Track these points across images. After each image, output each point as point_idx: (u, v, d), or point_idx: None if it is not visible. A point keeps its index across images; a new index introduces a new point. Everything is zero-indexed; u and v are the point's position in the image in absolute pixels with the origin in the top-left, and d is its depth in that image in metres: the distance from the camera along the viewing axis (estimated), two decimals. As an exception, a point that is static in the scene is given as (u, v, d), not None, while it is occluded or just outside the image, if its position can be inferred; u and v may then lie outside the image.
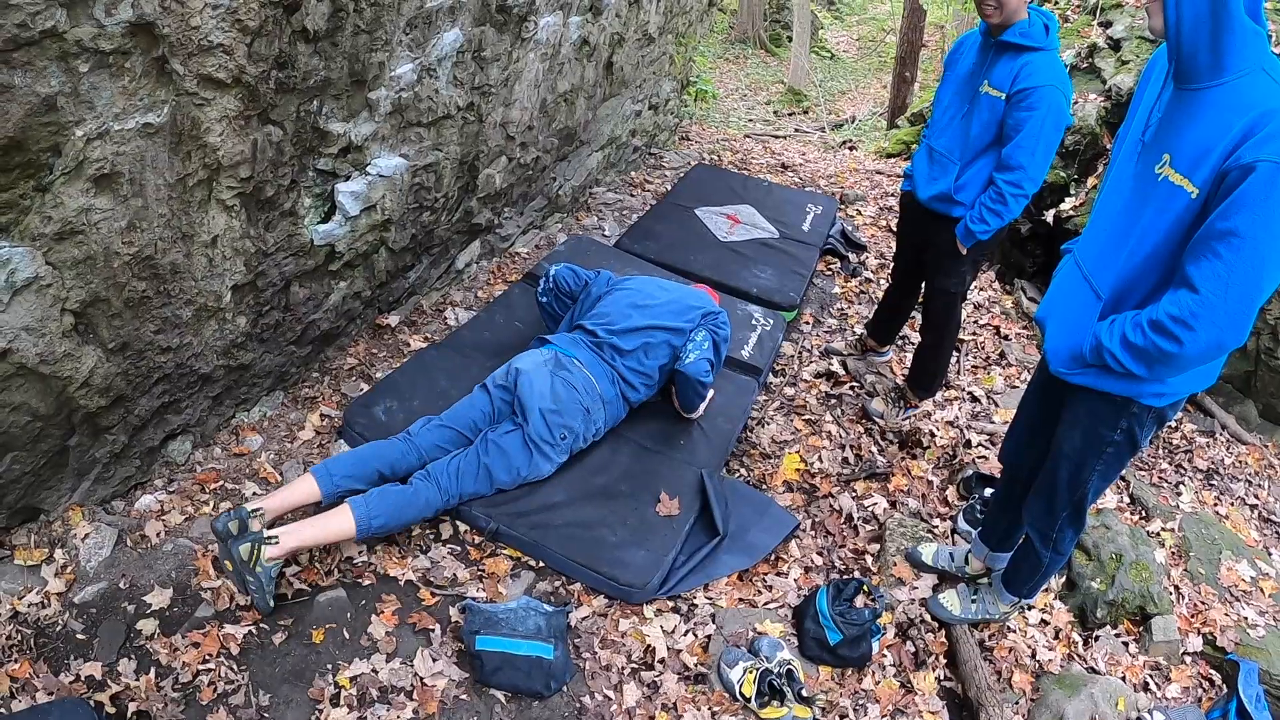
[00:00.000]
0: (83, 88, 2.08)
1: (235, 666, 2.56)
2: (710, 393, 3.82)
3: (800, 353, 4.84)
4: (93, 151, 2.19)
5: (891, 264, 4.54)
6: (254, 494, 3.15)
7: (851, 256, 5.97)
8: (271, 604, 2.69)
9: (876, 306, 4.71)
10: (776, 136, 12.28)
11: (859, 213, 6.81)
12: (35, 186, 2.12)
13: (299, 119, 2.81)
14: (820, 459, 4.01)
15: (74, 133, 2.12)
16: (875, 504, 3.79)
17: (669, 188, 6.57)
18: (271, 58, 2.52)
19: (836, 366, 4.68)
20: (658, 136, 7.33)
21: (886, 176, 7.77)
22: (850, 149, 10.51)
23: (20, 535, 2.74)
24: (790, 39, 19.10)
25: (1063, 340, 2.42)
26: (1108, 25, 6.17)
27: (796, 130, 14.47)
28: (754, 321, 4.71)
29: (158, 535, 2.90)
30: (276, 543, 2.65)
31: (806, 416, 4.31)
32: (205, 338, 2.95)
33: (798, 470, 3.93)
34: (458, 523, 3.24)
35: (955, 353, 4.85)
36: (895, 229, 4.72)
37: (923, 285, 4.15)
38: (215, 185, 2.64)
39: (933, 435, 4.21)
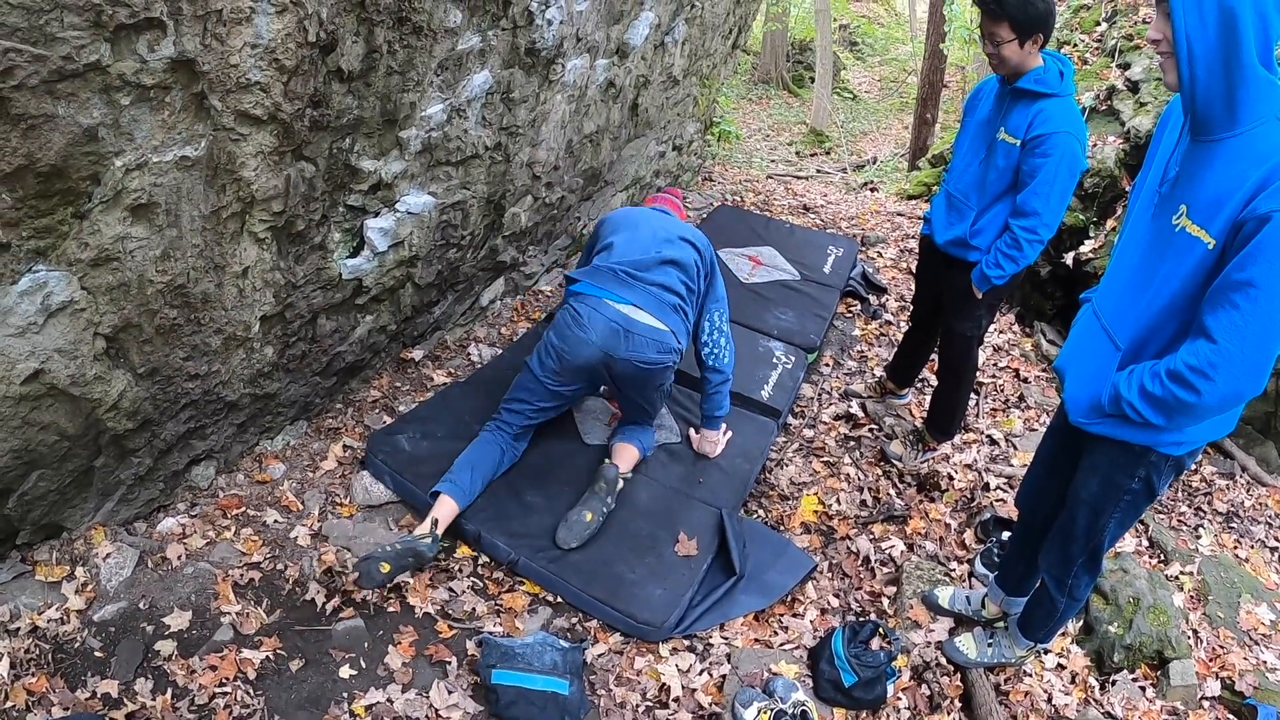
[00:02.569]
0: (123, 120, 2.14)
1: (251, 691, 2.58)
2: (728, 433, 3.83)
3: (820, 394, 4.85)
4: (131, 181, 2.25)
5: (911, 307, 4.55)
6: (274, 520, 3.19)
7: (872, 299, 5.99)
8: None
9: (896, 349, 4.72)
10: (798, 177, 12.40)
11: (880, 255, 6.84)
12: (74, 213, 2.18)
13: (331, 156, 2.88)
14: (838, 501, 4.00)
15: (113, 163, 2.18)
16: (892, 546, 3.77)
17: (691, 228, 6.60)
18: (307, 96, 2.59)
19: (855, 409, 4.67)
20: (681, 177, 7.40)
21: (907, 218, 7.80)
22: (871, 190, 10.58)
23: (42, 551, 2.78)
24: (812, 80, 19.29)
25: (1082, 390, 2.43)
26: (1126, 67, 6.19)
27: (818, 171, 14.60)
28: (775, 360, 4.72)
29: (179, 558, 2.94)
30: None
31: (825, 458, 4.31)
32: (233, 366, 3.00)
33: (816, 512, 3.92)
34: (477, 556, 3.26)
35: (974, 395, 4.84)
36: (914, 272, 4.74)
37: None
38: (248, 218, 2.70)
39: (951, 478, 4.19)
